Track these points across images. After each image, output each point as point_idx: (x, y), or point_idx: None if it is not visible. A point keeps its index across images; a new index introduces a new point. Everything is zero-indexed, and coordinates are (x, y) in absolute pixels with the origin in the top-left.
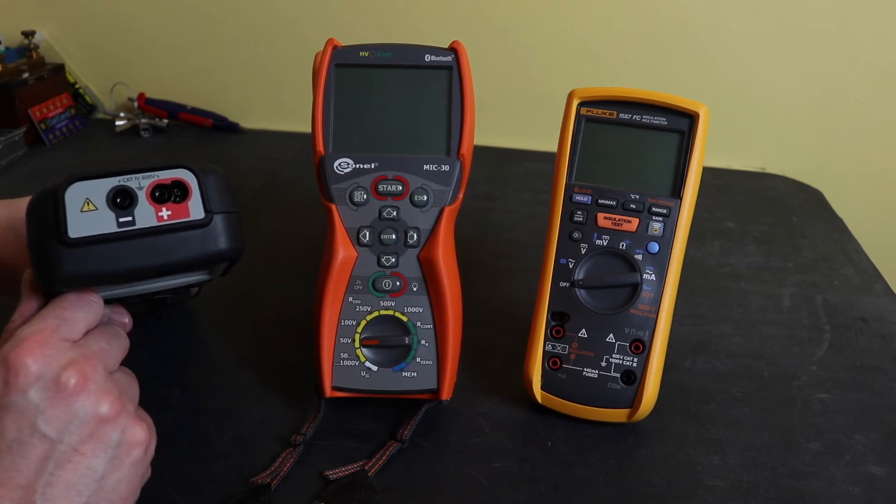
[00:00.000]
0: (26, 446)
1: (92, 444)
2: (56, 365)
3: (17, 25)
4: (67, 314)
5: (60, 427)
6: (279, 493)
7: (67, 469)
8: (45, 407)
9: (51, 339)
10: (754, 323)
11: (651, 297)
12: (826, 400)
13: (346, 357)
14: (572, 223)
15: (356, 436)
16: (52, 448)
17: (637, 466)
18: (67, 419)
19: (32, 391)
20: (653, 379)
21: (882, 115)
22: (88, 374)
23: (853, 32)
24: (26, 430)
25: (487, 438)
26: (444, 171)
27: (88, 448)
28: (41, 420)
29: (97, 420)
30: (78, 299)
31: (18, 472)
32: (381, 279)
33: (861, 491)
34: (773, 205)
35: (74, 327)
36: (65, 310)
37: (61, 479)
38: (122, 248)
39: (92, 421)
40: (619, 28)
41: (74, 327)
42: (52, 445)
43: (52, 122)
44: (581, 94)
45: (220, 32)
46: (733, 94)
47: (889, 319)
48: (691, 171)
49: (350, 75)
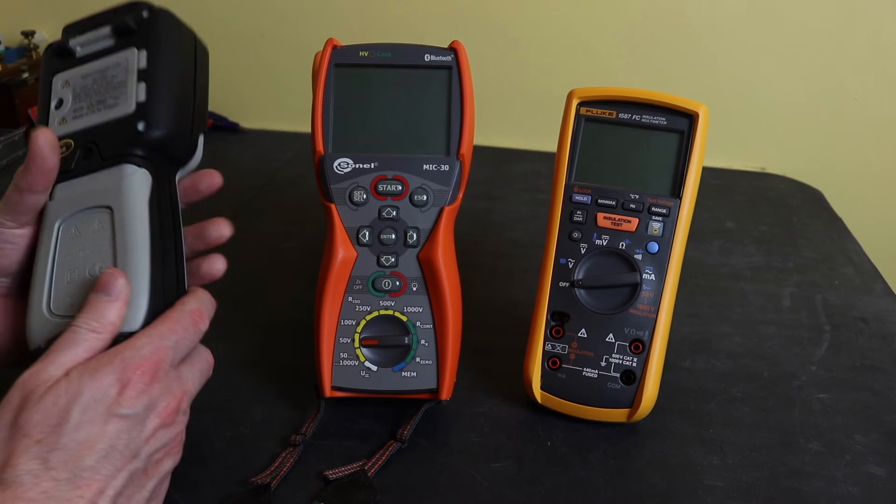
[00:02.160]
0: (117, 454)
1: (154, 469)
2: (160, 393)
3: (17, 25)
4: (180, 341)
5: (142, 447)
6: (279, 493)
7: (135, 485)
8: (144, 426)
9: (163, 366)
10: (754, 323)
11: (651, 296)
12: (826, 400)
13: (346, 357)
14: (572, 223)
15: (356, 436)
16: (130, 463)
17: (637, 466)
18: (154, 444)
19: (140, 406)
20: (652, 379)
21: (882, 115)
22: (175, 408)
23: (853, 32)
24: (123, 441)
25: (487, 438)
26: (443, 170)
27: (153, 471)
28: (132, 437)
29: (167, 450)
30: (192, 326)
31: (102, 476)
32: (380, 279)
33: (861, 491)
34: (773, 205)
35: (180, 354)
36: (175, 335)
37: (126, 491)
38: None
39: (166, 449)
40: (619, 28)
41: (180, 354)
42: (131, 461)
43: None
44: (581, 93)
45: (220, 32)
46: (733, 93)
47: (889, 319)
48: (691, 170)
49: (350, 75)
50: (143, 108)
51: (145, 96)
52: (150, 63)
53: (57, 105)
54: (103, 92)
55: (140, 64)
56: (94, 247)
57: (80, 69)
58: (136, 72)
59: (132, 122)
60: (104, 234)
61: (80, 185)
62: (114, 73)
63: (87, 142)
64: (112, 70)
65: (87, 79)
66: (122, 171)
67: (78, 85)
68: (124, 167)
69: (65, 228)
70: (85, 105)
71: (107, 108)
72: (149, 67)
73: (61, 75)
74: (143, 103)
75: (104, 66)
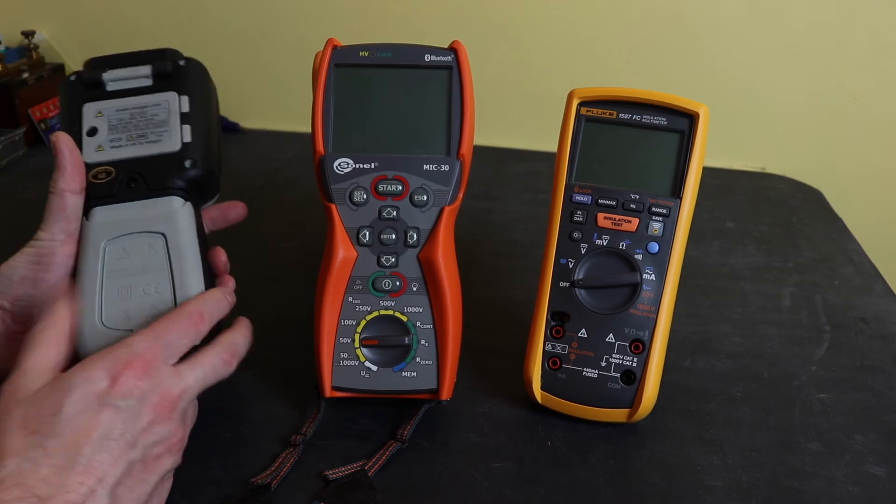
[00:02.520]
0: (111, 443)
1: (157, 464)
2: (152, 387)
3: (17, 25)
4: (176, 340)
5: (143, 441)
6: (279, 493)
7: (135, 477)
8: (138, 418)
9: (155, 363)
10: (754, 323)
11: (651, 296)
12: (826, 400)
13: (346, 357)
14: (572, 223)
15: (356, 436)
16: (127, 453)
17: (637, 466)
18: (152, 438)
19: (133, 400)
20: (652, 379)
21: (882, 114)
22: (177, 405)
23: (853, 32)
24: (117, 431)
25: (487, 438)
26: (443, 170)
27: (153, 466)
28: (127, 426)
29: (169, 446)
30: (191, 327)
31: (100, 464)
32: (380, 279)
33: (861, 491)
34: (773, 205)
35: (176, 352)
36: (171, 334)
37: (126, 482)
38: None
39: (165, 445)
40: (619, 28)
41: (176, 352)
42: (128, 451)
43: (52, 122)
44: (581, 93)
45: (220, 32)
46: (733, 93)
47: (889, 319)
48: (691, 171)
49: (350, 75)
50: (188, 148)
51: (190, 138)
52: (192, 108)
53: (90, 132)
54: (143, 127)
55: (183, 108)
56: (148, 268)
57: (114, 102)
58: (178, 114)
59: (179, 160)
60: (157, 258)
61: (125, 210)
62: (154, 112)
63: (130, 171)
64: (152, 109)
65: (124, 112)
66: (172, 202)
67: (113, 117)
68: (173, 199)
69: (112, 249)
70: (123, 136)
71: (149, 142)
72: (191, 112)
73: (93, 105)
74: (188, 143)
75: (142, 104)
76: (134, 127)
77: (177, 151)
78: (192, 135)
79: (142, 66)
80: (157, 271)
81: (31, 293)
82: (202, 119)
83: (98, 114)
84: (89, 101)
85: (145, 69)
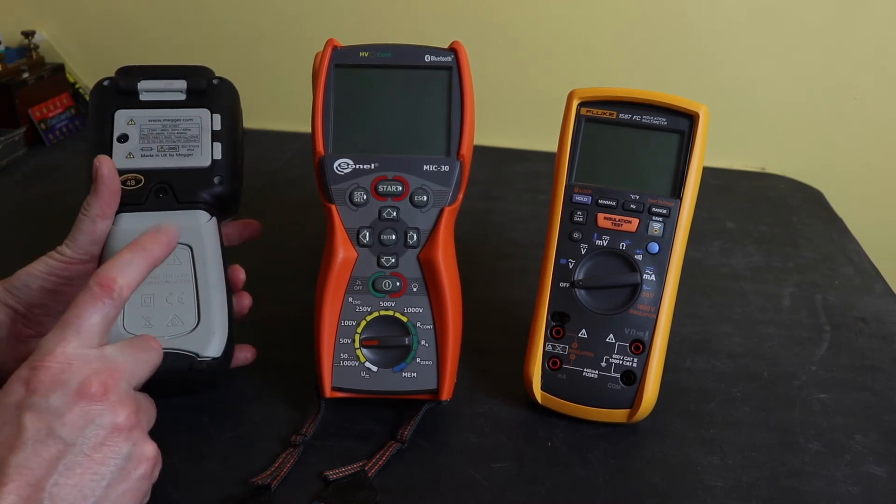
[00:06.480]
0: (41, 446)
1: (104, 451)
2: (72, 376)
3: (17, 25)
4: (83, 321)
5: (76, 431)
6: (279, 493)
7: (77, 472)
8: (64, 411)
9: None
10: (754, 323)
11: (651, 297)
12: (826, 400)
13: (346, 357)
14: (572, 223)
15: (356, 436)
16: (66, 450)
17: (637, 466)
18: (84, 425)
19: (54, 396)
20: (653, 379)
21: (882, 114)
22: (110, 385)
23: (853, 32)
24: (43, 431)
25: (487, 439)
26: (443, 171)
27: (100, 455)
28: (58, 423)
29: (112, 429)
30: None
31: (30, 469)
32: (380, 279)
33: (861, 491)
34: (773, 205)
35: (92, 333)
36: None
37: (70, 480)
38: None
39: (107, 429)
40: (619, 28)
41: (92, 333)
42: (65, 448)
43: (52, 122)
44: (581, 94)
45: (220, 32)
46: (733, 93)
47: (889, 319)
48: (691, 171)
49: (350, 75)
50: (217, 165)
51: (220, 155)
52: (223, 127)
53: (120, 138)
54: (175, 140)
55: (214, 125)
56: (172, 278)
57: (147, 112)
58: (210, 131)
59: (208, 175)
60: (183, 269)
61: (152, 219)
62: (186, 126)
63: (159, 181)
64: (184, 123)
65: (156, 123)
66: (199, 216)
67: (145, 126)
68: (200, 213)
69: None
70: (154, 147)
71: (180, 155)
72: (222, 130)
73: (125, 112)
74: (217, 161)
75: (175, 117)
76: (165, 138)
77: (207, 167)
78: (222, 153)
79: (176, 80)
80: (182, 282)
81: (48, 303)
82: (231, 138)
83: (130, 121)
84: (122, 108)
85: (180, 83)
